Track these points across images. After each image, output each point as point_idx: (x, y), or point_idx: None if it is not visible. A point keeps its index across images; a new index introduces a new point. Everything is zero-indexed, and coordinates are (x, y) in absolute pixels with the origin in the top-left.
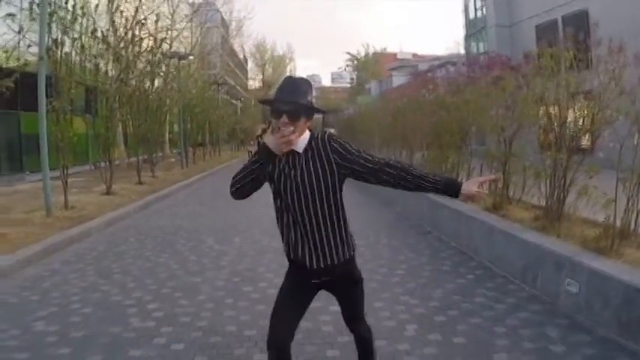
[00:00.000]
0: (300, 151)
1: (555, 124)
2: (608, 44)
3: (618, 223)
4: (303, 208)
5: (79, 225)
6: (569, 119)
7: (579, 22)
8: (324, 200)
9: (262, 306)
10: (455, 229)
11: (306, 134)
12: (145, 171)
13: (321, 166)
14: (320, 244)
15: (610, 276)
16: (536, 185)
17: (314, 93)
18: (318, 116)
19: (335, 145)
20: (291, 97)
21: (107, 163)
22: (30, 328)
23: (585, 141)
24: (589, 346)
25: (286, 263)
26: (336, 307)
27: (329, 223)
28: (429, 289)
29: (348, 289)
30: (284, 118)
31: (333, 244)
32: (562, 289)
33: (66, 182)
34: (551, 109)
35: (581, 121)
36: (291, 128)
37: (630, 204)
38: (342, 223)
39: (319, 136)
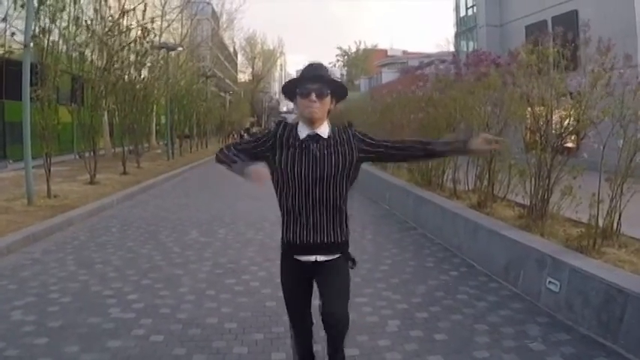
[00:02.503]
0: (325, 136)
1: (541, 123)
2: (597, 44)
3: (601, 223)
4: (317, 188)
5: (61, 214)
6: (554, 119)
7: (569, 22)
8: (337, 184)
9: (244, 298)
10: (439, 225)
11: (327, 124)
12: (130, 161)
13: (342, 152)
14: (320, 224)
15: (591, 275)
16: (521, 184)
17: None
18: None
19: (359, 134)
20: (317, 77)
21: (91, 152)
22: (6, 318)
23: (570, 141)
24: (569, 345)
25: (270, 256)
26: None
27: (332, 207)
28: (412, 285)
29: (334, 271)
30: (312, 96)
31: (332, 226)
32: (543, 288)
33: (49, 171)
34: (537, 109)
35: (566, 121)
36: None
37: (613, 204)
38: (343, 211)
39: (341, 127)
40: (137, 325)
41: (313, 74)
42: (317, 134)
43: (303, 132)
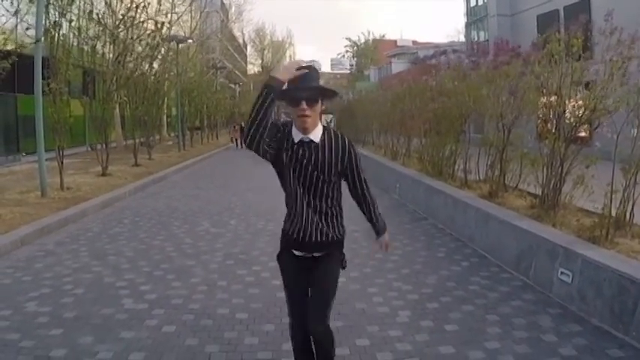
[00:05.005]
0: (317, 140)
1: (555, 112)
2: (613, 34)
3: (614, 212)
4: (312, 189)
5: (74, 206)
6: (568, 108)
7: (581, 12)
8: (329, 186)
9: (255, 289)
10: (451, 216)
11: (320, 127)
12: (141, 153)
13: (335, 156)
14: (319, 222)
15: (604, 266)
16: (533, 173)
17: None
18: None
19: (354, 151)
20: (306, 84)
21: (104, 144)
22: (21, 309)
23: (583, 130)
24: (581, 336)
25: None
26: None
27: (325, 206)
28: (423, 276)
29: (326, 265)
30: (303, 105)
31: (330, 223)
32: (555, 279)
33: (62, 163)
34: (552, 98)
35: (580, 110)
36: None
37: (626, 194)
38: (338, 208)
39: (337, 133)
40: (150, 315)
41: (303, 83)
42: (310, 140)
43: (296, 136)
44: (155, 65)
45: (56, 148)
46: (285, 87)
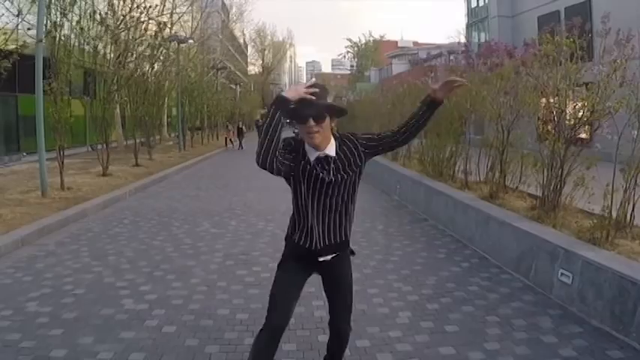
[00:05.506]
0: (333, 154)
1: (555, 113)
2: (613, 35)
3: (614, 214)
4: (332, 202)
5: (74, 206)
6: (568, 110)
7: (582, 13)
8: (349, 192)
9: (255, 290)
10: (451, 217)
11: (332, 140)
12: (142, 154)
13: (353, 162)
14: (334, 228)
15: (604, 267)
16: (533, 175)
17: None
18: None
19: (361, 138)
20: (314, 102)
21: (104, 145)
22: (22, 309)
23: (584, 132)
24: (581, 338)
25: (281, 247)
26: None
27: (345, 212)
28: (423, 277)
29: (340, 270)
30: (310, 122)
31: (344, 226)
32: (555, 280)
33: (62, 163)
34: (551, 99)
35: (580, 112)
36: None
37: (627, 195)
38: (351, 210)
39: (345, 136)
40: (150, 316)
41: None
42: (326, 155)
43: (311, 153)
44: (156, 66)
45: (57, 148)
46: (293, 106)
